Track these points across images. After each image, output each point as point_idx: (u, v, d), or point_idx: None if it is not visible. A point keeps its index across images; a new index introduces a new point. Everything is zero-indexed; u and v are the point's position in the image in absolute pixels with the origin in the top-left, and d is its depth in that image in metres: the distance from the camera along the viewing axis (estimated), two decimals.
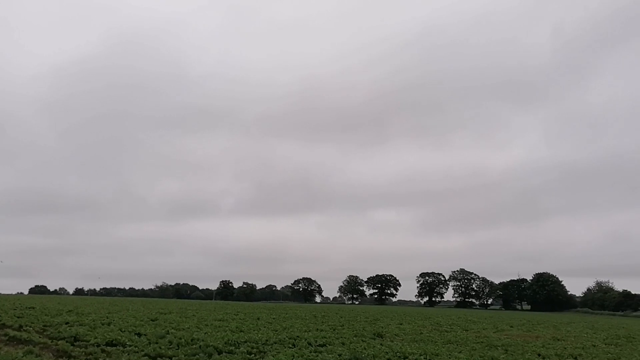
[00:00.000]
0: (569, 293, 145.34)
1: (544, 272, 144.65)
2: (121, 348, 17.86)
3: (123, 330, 23.81)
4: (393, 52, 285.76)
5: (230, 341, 20.30)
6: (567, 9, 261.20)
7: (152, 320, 31.41)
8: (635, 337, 33.39)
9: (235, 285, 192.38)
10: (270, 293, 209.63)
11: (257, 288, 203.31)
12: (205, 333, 23.46)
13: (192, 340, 20.31)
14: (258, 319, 36.95)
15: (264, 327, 29.07)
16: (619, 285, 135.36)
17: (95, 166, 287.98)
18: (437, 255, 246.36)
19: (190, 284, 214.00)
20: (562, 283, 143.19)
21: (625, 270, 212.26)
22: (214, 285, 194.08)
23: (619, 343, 28.31)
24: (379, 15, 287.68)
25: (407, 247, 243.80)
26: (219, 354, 17.32)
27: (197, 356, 16.78)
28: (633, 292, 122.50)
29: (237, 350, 18.23)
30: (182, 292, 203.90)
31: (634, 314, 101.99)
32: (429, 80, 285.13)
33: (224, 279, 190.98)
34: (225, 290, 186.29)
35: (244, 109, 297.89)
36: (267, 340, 21.18)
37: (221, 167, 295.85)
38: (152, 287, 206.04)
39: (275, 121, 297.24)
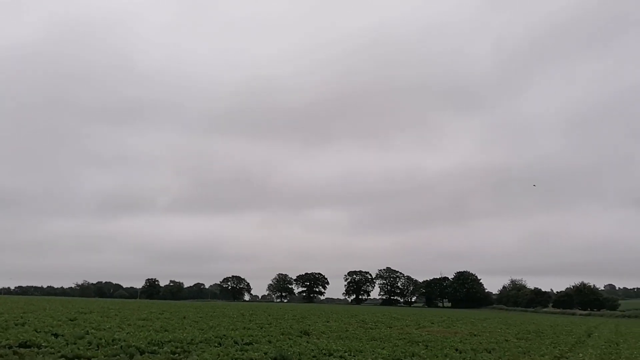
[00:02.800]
0: (487, 290, 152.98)
1: (464, 271, 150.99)
2: (36, 349, 17.01)
3: (39, 330, 22.63)
4: (343, 56, 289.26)
5: (153, 341, 19.86)
6: (508, 25, 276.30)
7: (70, 320, 30.02)
8: (544, 332, 35.93)
9: (162, 284, 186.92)
10: (198, 291, 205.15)
11: (185, 286, 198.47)
12: (128, 333, 22.80)
13: (113, 340, 19.67)
14: (184, 317, 36.28)
15: (190, 326, 28.63)
16: (531, 283, 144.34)
17: (25, 157, 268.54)
18: (367, 254, 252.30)
19: (114, 282, 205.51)
20: (481, 281, 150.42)
21: (537, 269, 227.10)
22: (139, 284, 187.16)
23: (529, 337, 30.33)
24: (331, 19, 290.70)
25: (339, 246, 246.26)
26: (141, 355, 16.92)
27: (118, 357, 16.32)
28: (543, 290, 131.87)
29: (161, 350, 17.90)
30: (105, 290, 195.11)
31: (544, 310, 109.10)
32: (376, 85, 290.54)
33: (150, 277, 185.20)
34: (151, 289, 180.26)
35: (190, 105, 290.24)
36: (192, 340, 20.89)
37: (161, 163, 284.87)
38: (72, 286, 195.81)
39: (221, 119, 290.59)
